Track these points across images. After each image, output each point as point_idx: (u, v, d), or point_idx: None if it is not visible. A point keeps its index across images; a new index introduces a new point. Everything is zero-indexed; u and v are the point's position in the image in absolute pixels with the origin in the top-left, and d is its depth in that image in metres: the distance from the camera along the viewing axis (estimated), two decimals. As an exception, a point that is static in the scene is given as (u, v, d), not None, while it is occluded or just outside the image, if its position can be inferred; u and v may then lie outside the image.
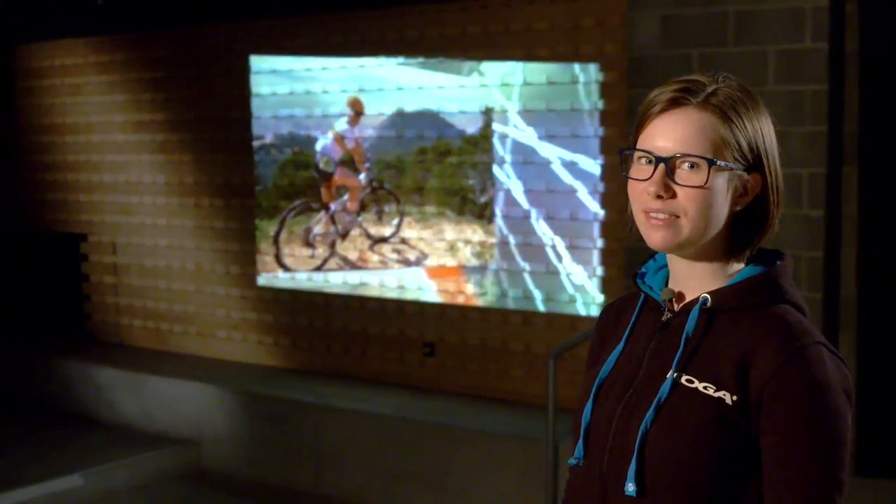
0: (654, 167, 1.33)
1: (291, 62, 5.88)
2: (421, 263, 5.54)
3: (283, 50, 5.89)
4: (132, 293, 6.78)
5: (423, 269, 5.53)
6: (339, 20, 5.65)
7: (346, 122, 5.72)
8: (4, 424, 6.03)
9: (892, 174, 4.20)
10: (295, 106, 5.87)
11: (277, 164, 6.01)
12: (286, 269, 6.04)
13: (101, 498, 5.12)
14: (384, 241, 5.66)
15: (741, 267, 1.39)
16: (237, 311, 6.26)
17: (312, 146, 5.87)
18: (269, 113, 5.97)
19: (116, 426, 5.98)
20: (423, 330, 5.51)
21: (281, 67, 5.92)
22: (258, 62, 5.99)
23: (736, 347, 1.31)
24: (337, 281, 5.85)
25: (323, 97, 5.75)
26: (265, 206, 6.07)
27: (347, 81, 5.67)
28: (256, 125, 6.03)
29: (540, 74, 5.04)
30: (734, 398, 1.28)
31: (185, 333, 6.53)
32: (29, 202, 7.30)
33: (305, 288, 5.95)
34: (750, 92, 1.36)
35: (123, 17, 6.38)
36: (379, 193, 5.65)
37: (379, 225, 5.66)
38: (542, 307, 5.14)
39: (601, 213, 4.92)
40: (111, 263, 6.86)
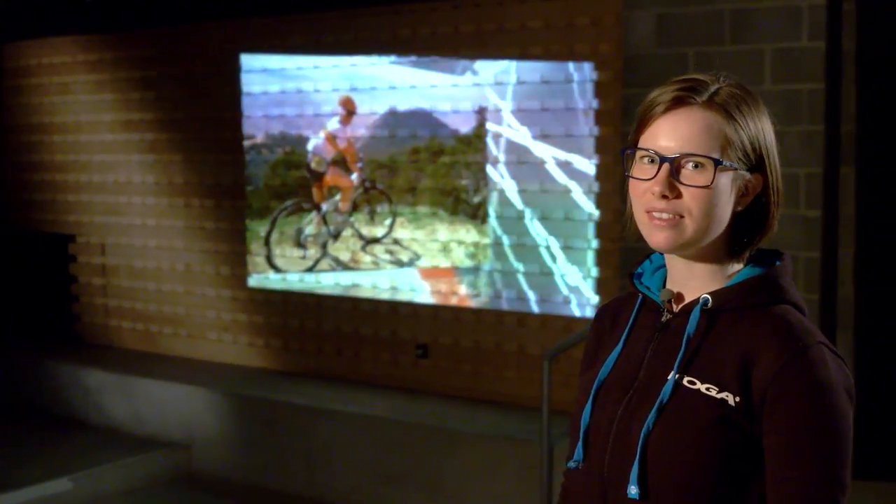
0: (657, 167, 1.32)
1: (283, 61, 5.86)
2: (414, 264, 5.52)
3: (274, 48, 5.87)
4: (121, 294, 6.76)
5: (415, 269, 5.52)
6: (330, 18, 5.64)
7: (337, 121, 5.70)
8: (-8, 427, 6.02)
9: (889, 174, 4.21)
10: (286, 105, 5.85)
11: (268, 163, 5.99)
12: (277, 270, 6.02)
13: (90, 501, 5.11)
14: (376, 241, 5.64)
15: (740, 267, 1.38)
16: (228, 312, 6.24)
17: (304, 146, 5.85)
18: (260, 112, 5.95)
19: (105, 429, 5.96)
20: (416, 331, 5.50)
21: (272, 66, 5.90)
22: (249, 61, 5.97)
23: (737, 348, 1.31)
24: (329, 282, 5.83)
25: (314, 96, 5.74)
26: (256, 206, 6.04)
27: (339, 80, 5.65)
28: (247, 124, 6.01)
29: (534, 73, 5.03)
30: (737, 399, 1.28)
31: (174, 335, 6.51)
32: (16, 202, 7.26)
33: (297, 289, 5.93)
34: (750, 91, 1.36)
35: (112, 15, 6.36)
36: (371, 193, 5.64)
37: (371, 225, 5.64)
38: (536, 308, 5.13)
39: (596, 213, 4.91)
40: (100, 264, 6.84)
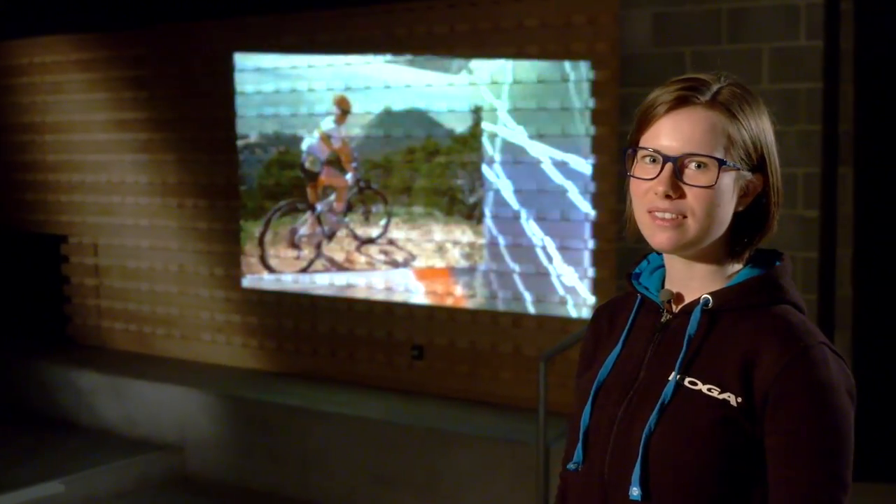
0: (660, 166, 1.31)
1: (277, 60, 5.85)
2: (409, 265, 5.50)
3: (268, 47, 5.86)
4: (114, 295, 6.73)
5: (411, 270, 5.50)
6: (325, 17, 5.63)
7: (332, 120, 5.69)
8: (-17, 429, 5.99)
9: (888, 174, 4.20)
10: (280, 104, 5.84)
11: (262, 163, 5.98)
12: (271, 270, 6.00)
13: (82, 505, 5.07)
14: (371, 242, 5.63)
15: (740, 268, 1.38)
16: (221, 313, 6.22)
17: (298, 145, 5.83)
18: (253, 112, 5.94)
19: (98, 431, 5.94)
20: (411, 332, 5.49)
21: (266, 65, 5.89)
22: (243, 60, 5.95)
23: (739, 348, 1.31)
24: (323, 283, 5.81)
25: (309, 95, 5.72)
26: (250, 206, 6.02)
27: (334, 79, 5.64)
28: (241, 124, 5.99)
29: (530, 72, 5.01)
30: (738, 400, 1.28)
31: (168, 336, 6.49)
32: (8, 202, 7.23)
33: (291, 290, 5.91)
34: (751, 91, 1.36)
35: (105, 13, 6.34)
36: (366, 193, 5.62)
37: (366, 226, 5.63)
38: (532, 309, 5.11)
39: (592, 213, 4.89)
40: (92, 265, 6.82)
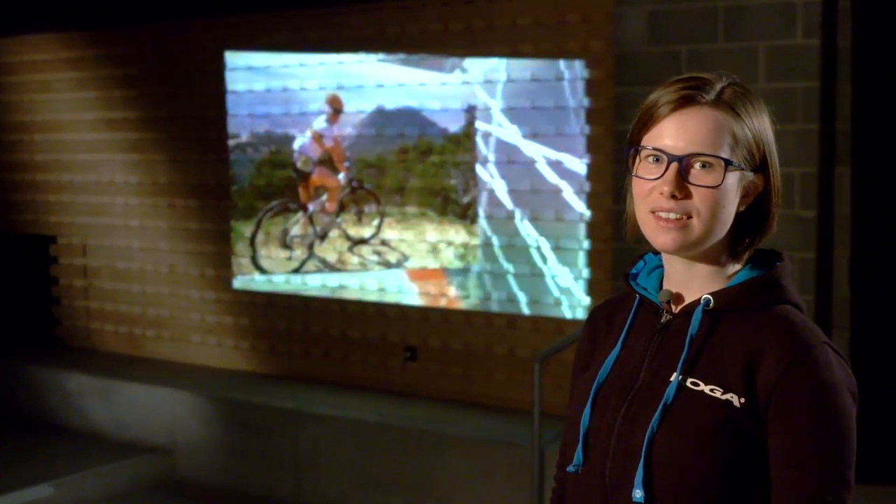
0: (665, 166, 1.31)
1: (268, 58, 5.83)
2: (402, 265, 5.49)
3: (259, 46, 5.84)
4: (104, 297, 6.71)
5: (404, 271, 5.49)
6: (317, 15, 5.61)
7: (324, 120, 5.68)
8: (-29, 433, 5.98)
9: (885, 174, 4.18)
10: (272, 104, 5.82)
11: (254, 163, 5.97)
12: (263, 271, 5.99)
13: (71, 509, 5.06)
14: (364, 242, 5.61)
15: (739, 268, 1.38)
16: (212, 314, 6.20)
17: (290, 145, 5.81)
18: (245, 111, 5.92)
19: (87, 434, 5.92)
20: (404, 334, 5.47)
21: (257, 64, 5.87)
22: (234, 58, 5.93)
23: (741, 349, 1.31)
24: (315, 283, 5.80)
25: (301, 94, 5.71)
26: (241, 206, 6.01)
27: (326, 78, 5.62)
28: (232, 123, 5.96)
29: (524, 71, 5.00)
30: (742, 400, 1.28)
31: (158, 338, 6.47)
32: (-4, 203, 7.17)
33: (283, 291, 5.89)
34: (752, 91, 1.36)
35: (94, 11, 6.31)
36: (358, 193, 5.60)
37: (359, 226, 5.61)
38: (526, 310, 5.10)
39: (587, 213, 4.88)
40: (82, 266, 6.79)
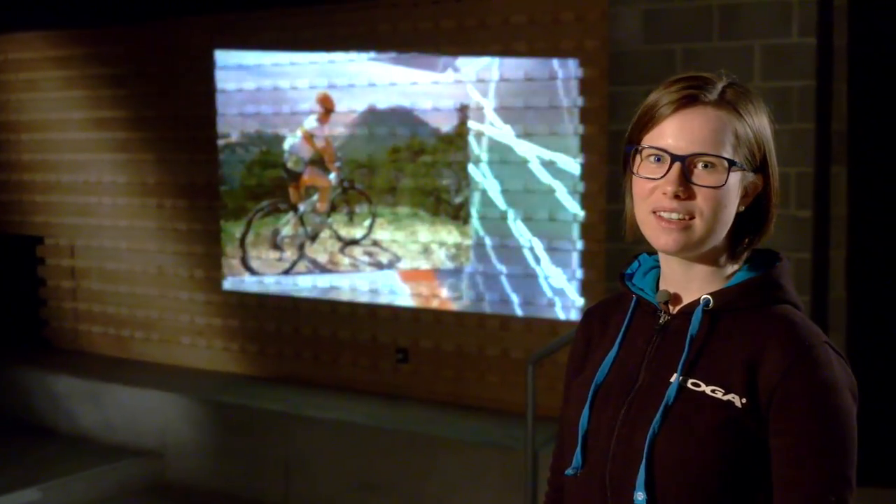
0: (667, 166, 1.31)
1: (258, 57, 5.81)
2: (394, 266, 5.47)
3: (249, 44, 5.82)
4: (92, 298, 6.68)
5: (396, 272, 5.47)
6: (307, 13, 5.60)
7: (315, 119, 5.66)
8: (-43, 436, 5.96)
9: (881, 173, 4.18)
10: (262, 103, 5.80)
11: (244, 163, 5.94)
12: (253, 272, 5.96)
13: (59, 513, 5.04)
14: (355, 243, 5.59)
15: (737, 268, 1.38)
16: (202, 316, 6.17)
17: (280, 145, 5.79)
18: (235, 110, 5.90)
19: (75, 437, 5.89)
20: (396, 335, 5.46)
21: (247, 63, 5.85)
22: (224, 57, 5.91)
23: (742, 349, 1.31)
24: (306, 285, 5.77)
25: (291, 94, 5.70)
26: (231, 207, 5.98)
27: (317, 77, 5.60)
28: (222, 123, 5.94)
29: (517, 70, 4.99)
30: (743, 401, 1.28)
31: (147, 340, 6.45)
32: (-17, 203, 7.12)
33: (273, 292, 5.88)
34: (752, 90, 1.36)
35: (82, 9, 6.29)
36: (350, 194, 5.58)
37: (350, 226, 5.58)
38: (519, 311, 5.08)
39: (581, 213, 4.86)
40: (69, 267, 6.77)
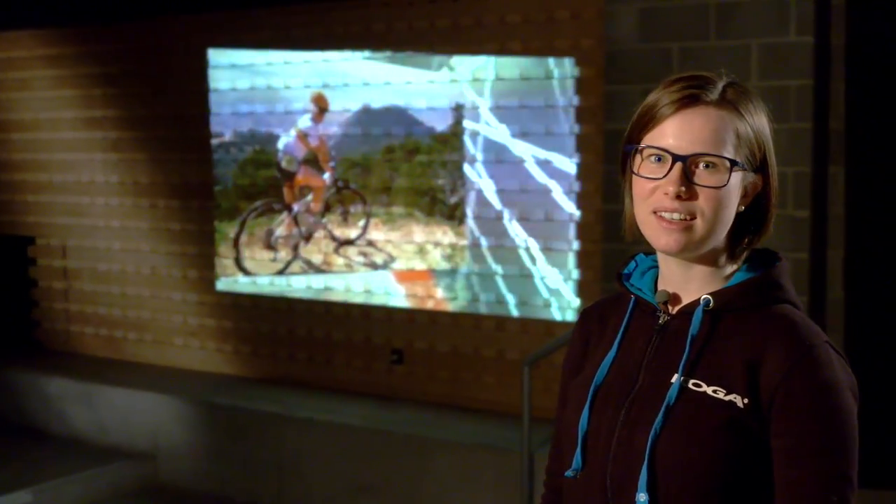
0: (668, 166, 1.30)
1: (252, 56, 5.80)
2: (388, 267, 5.46)
3: (243, 43, 5.81)
4: (84, 299, 6.66)
5: (390, 272, 5.46)
6: (301, 12, 5.60)
7: (309, 118, 5.64)
8: (-52, 438, 5.93)
9: (879, 173, 4.17)
10: (256, 102, 5.79)
11: (237, 163, 5.93)
12: (247, 272, 5.95)
13: (51, 515, 5.03)
14: (350, 243, 5.58)
15: (736, 268, 1.38)
16: (195, 317, 6.16)
17: (274, 144, 5.78)
18: (228, 109, 5.88)
19: (68, 439, 5.87)
20: (390, 336, 5.44)
21: (241, 62, 5.83)
22: (217, 56, 5.89)
23: (743, 349, 1.31)
24: (300, 285, 5.76)
25: (285, 93, 5.68)
26: (225, 206, 5.96)
27: (311, 76, 5.59)
28: (215, 122, 5.93)
29: (513, 69, 4.98)
30: (745, 401, 1.28)
31: (140, 341, 6.43)
32: (-26, 203, 7.09)
33: (267, 293, 5.86)
34: (752, 90, 1.36)
35: (73, 8, 6.28)
36: (344, 193, 5.57)
37: (344, 226, 5.57)
38: (515, 312, 5.06)
39: (577, 213, 4.85)
40: (61, 267, 6.75)
